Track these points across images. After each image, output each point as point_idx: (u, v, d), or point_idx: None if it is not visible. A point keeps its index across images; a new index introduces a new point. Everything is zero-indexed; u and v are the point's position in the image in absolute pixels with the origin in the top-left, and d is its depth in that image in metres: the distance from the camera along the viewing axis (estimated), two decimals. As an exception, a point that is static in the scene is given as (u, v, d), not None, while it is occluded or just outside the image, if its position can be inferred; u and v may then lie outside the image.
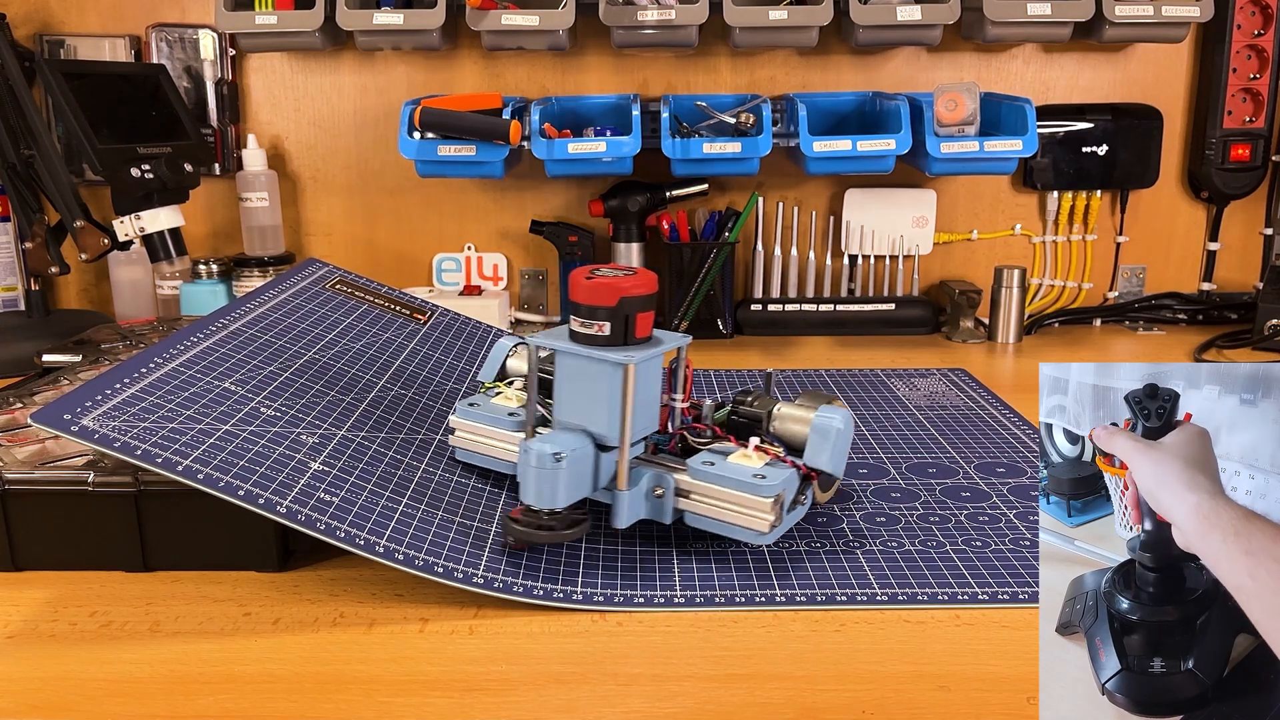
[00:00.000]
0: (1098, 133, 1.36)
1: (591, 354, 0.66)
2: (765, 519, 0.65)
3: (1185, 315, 1.40)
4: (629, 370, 0.65)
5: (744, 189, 1.40)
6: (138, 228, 1.09)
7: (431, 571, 0.63)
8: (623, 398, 0.65)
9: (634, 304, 0.66)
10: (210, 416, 0.69)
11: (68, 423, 0.62)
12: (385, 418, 0.80)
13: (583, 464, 0.66)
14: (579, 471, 0.66)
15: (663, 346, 0.68)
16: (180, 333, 0.80)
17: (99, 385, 0.68)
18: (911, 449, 0.91)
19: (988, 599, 0.64)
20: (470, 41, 1.35)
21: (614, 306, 0.66)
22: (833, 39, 1.33)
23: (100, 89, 1.10)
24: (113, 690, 0.56)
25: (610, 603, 0.64)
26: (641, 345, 0.67)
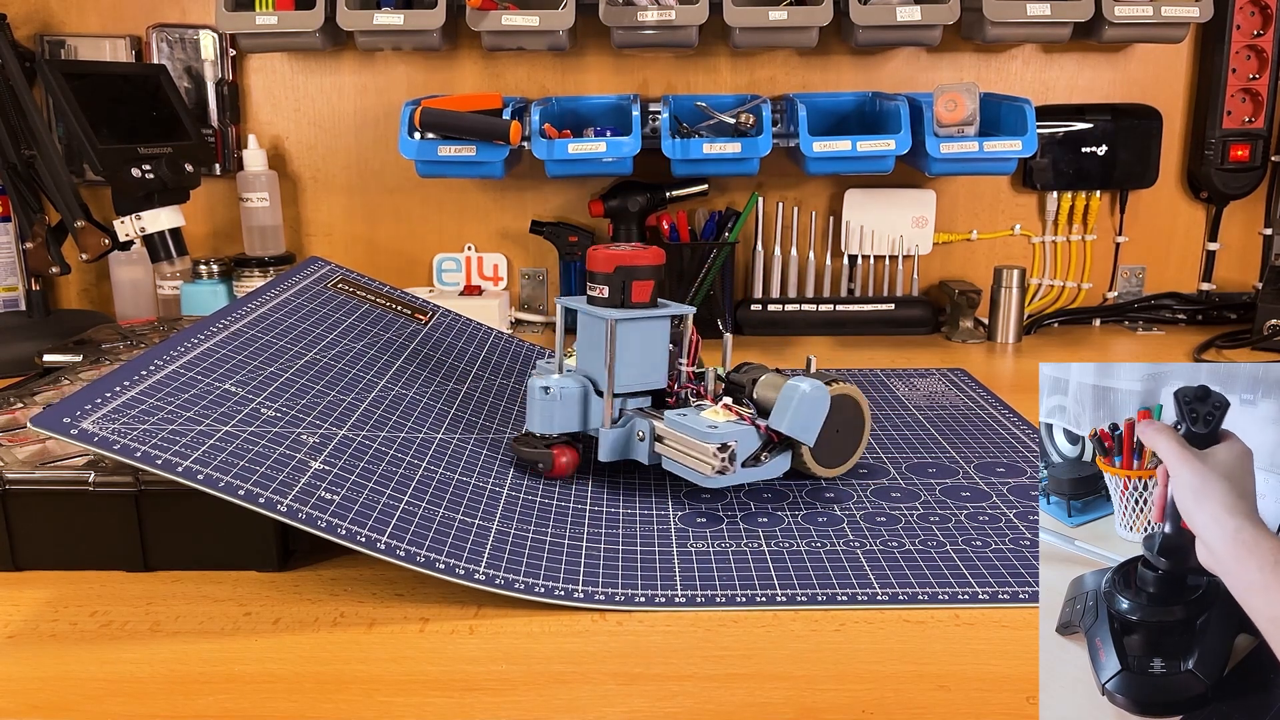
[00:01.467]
0: (1097, 133, 1.36)
1: (591, 311, 0.79)
2: (709, 464, 0.74)
3: (1185, 315, 1.40)
4: (611, 325, 0.77)
5: (744, 189, 1.40)
6: (138, 228, 1.09)
7: (432, 568, 0.63)
8: (608, 349, 0.77)
9: (629, 272, 0.78)
10: (211, 418, 0.69)
11: (67, 426, 0.62)
12: (386, 417, 0.80)
13: (572, 400, 0.79)
14: (570, 406, 0.79)
15: (658, 311, 0.79)
16: (181, 334, 0.80)
17: (99, 388, 0.68)
18: (911, 449, 0.91)
19: (988, 599, 0.64)
20: (470, 42, 1.35)
21: (611, 273, 0.79)
22: (833, 39, 1.33)
23: (101, 89, 1.10)
24: (113, 690, 0.56)
25: (611, 601, 0.64)
26: (637, 308, 0.79)
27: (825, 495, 0.80)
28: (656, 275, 0.80)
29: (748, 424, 0.76)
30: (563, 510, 0.76)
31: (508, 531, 0.70)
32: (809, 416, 0.77)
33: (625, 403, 0.81)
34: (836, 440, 0.81)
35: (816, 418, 0.77)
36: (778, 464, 0.79)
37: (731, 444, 0.74)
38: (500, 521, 0.71)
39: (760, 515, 0.77)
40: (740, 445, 0.75)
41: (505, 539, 0.69)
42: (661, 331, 0.81)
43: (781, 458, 0.79)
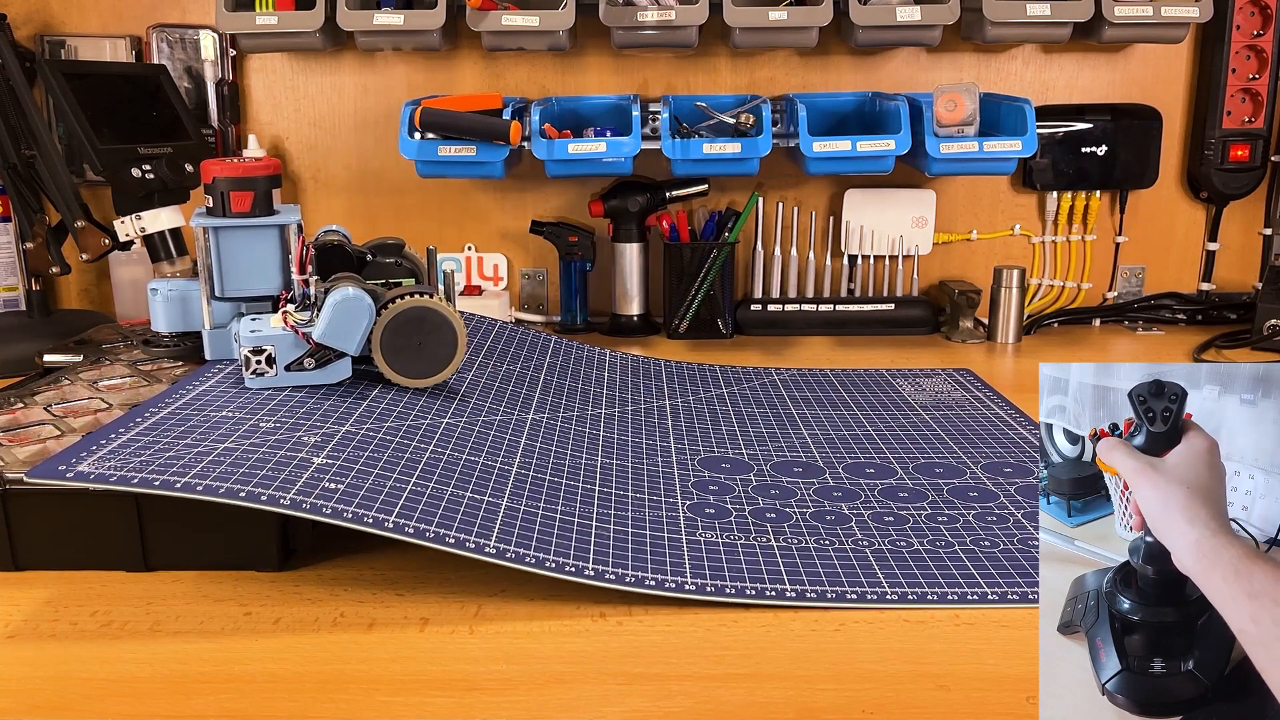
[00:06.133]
0: (1097, 133, 1.36)
1: (197, 222, 0.87)
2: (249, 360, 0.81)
3: (1184, 315, 1.40)
4: (202, 233, 0.86)
5: (744, 189, 1.40)
6: (138, 228, 1.09)
7: (443, 543, 0.63)
8: (202, 254, 0.86)
9: (227, 183, 0.86)
10: (209, 440, 0.69)
11: (63, 472, 0.62)
12: (389, 409, 0.80)
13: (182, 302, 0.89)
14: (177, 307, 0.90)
15: (254, 221, 0.86)
16: (178, 384, 0.82)
17: (94, 438, 0.68)
18: (918, 449, 0.91)
19: (997, 599, 0.64)
20: (470, 42, 1.35)
21: (209, 184, 0.87)
22: (832, 39, 1.33)
23: (101, 89, 1.10)
24: (113, 690, 0.56)
25: (621, 582, 0.64)
26: (237, 217, 0.86)
27: (834, 494, 0.80)
28: (255, 187, 0.85)
29: (290, 330, 0.80)
30: (572, 489, 0.76)
31: (517, 508, 0.70)
32: (344, 324, 0.79)
33: (242, 307, 0.88)
34: (420, 353, 0.83)
35: (354, 326, 0.80)
36: (331, 371, 0.82)
37: (268, 348, 0.80)
38: (510, 498, 0.71)
39: (769, 510, 0.77)
40: (279, 350, 0.80)
41: (515, 515, 0.69)
42: (264, 240, 0.86)
43: (336, 365, 0.82)
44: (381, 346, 0.82)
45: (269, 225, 0.87)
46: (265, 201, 0.87)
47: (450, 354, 0.83)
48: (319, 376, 0.82)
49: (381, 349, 0.82)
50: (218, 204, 0.86)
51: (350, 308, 0.79)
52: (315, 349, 0.81)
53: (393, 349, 0.82)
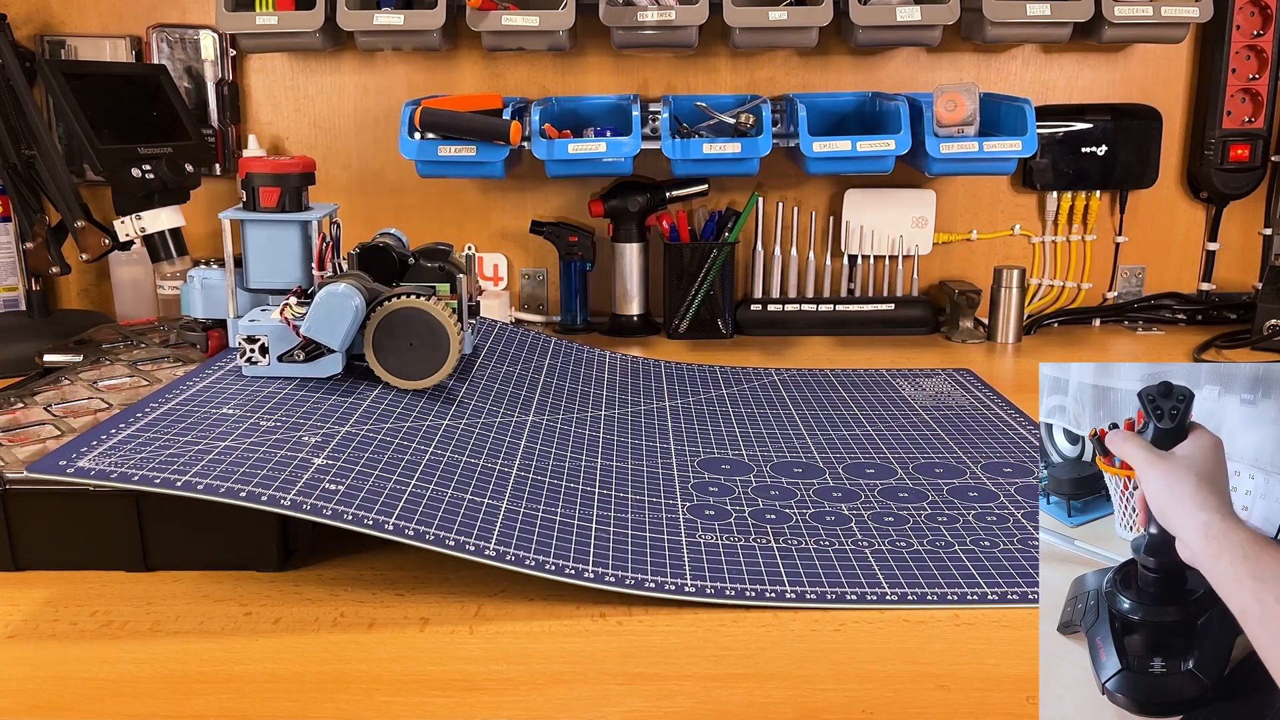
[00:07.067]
0: (1097, 133, 1.36)
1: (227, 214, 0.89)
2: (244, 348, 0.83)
3: (1184, 315, 1.40)
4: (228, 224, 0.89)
5: (744, 189, 1.40)
6: (138, 228, 1.09)
7: (443, 545, 0.63)
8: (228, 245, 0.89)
9: (257, 179, 0.88)
10: (209, 438, 0.69)
11: (64, 467, 0.62)
12: (390, 410, 0.80)
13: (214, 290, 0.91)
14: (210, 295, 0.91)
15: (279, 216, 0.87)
16: (176, 381, 0.81)
17: (94, 433, 0.68)
18: (919, 449, 0.91)
19: (997, 599, 0.64)
20: (470, 42, 1.35)
21: (243, 179, 0.89)
22: (832, 39, 1.33)
23: (101, 89, 1.10)
24: (113, 690, 0.56)
25: (621, 584, 0.64)
26: (264, 212, 0.88)
27: (834, 495, 0.80)
28: (285, 183, 0.87)
29: (283, 323, 0.82)
30: (572, 491, 0.76)
31: (517, 510, 0.70)
32: (327, 319, 0.80)
33: (270, 299, 0.89)
34: (411, 354, 0.83)
35: (339, 323, 0.80)
36: (321, 365, 0.83)
37: (261, 338, 0.82)
38: (510, 500, 0.71)
39: (768, 511, 0.77)
40: (272, 340, 0.82)
41: (515, 517, 0.69)
42: (287, 235, 0.88)
43: (326, 360, 0.83)
44: (373, 345, 0.82)
45: (292, 221, 0.88)
46: (295, 198, 0.89)
47: (443, 357, 0.83)
48: (309, 369, 0.83)
49: (373, 347, 0.82)
50: (250, 198, 0.89)
51: (334, 304, 0.80)
52: (305, 342, 0.82)
53: (383, 348, 0.82)
